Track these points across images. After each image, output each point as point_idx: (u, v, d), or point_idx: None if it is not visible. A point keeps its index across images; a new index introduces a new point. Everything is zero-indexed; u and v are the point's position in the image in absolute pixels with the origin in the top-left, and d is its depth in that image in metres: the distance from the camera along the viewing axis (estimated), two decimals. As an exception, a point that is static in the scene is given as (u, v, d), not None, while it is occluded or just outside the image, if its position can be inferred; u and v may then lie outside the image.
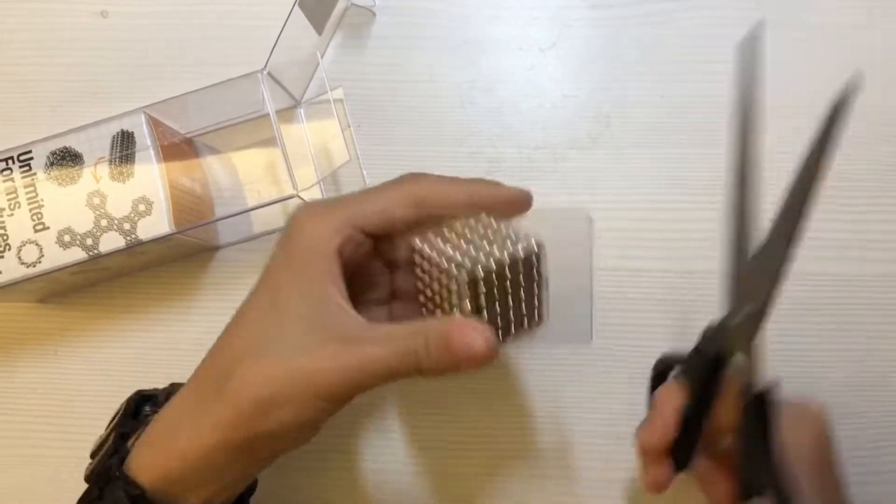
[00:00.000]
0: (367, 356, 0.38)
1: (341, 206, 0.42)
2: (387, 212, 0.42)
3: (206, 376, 0.42)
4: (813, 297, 0.56)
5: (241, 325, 0.42)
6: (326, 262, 0.41)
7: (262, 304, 0.41)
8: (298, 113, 0.60)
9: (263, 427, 0.39)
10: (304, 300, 0.40)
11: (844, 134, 0.57)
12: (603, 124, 0.59)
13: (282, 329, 0.40)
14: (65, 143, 0.52)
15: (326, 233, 0.41)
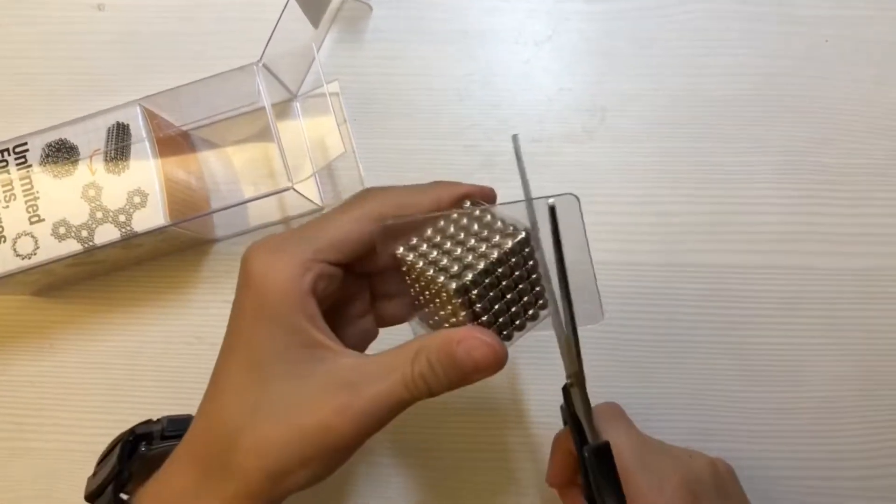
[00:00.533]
0: (376, 397, 0.36)
1: (302, 241, 0.39)
2: (351, 236, 0.39)
3: (206, 451, 0.38)
4: (805, 290, 0.56)
5: (225, 390, 0.38)
6: (301, 306, 0.37)
7: (242, 365, 0.38)
8: (294, 106, 0.60)
9: (280, 492, 0.37)
10: (289, 353, 0.37)
11: (841, 128, 0.57)
12: (598, 118, 0.59)
13: (275, 390, 0.37)
14: (60, 136, 0.52)
15: (294, 273, 0.37)
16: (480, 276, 0.38)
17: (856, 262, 0.56)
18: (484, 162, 0.59)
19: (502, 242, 0.39)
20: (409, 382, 0.36)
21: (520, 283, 0.40)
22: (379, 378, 0.36)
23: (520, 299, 0.41)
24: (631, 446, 0.45)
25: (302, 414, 0.36)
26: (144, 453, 0.46)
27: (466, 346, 0.36)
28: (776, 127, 0.58)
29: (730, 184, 0.57)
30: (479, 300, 0.39)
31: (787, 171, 0.57)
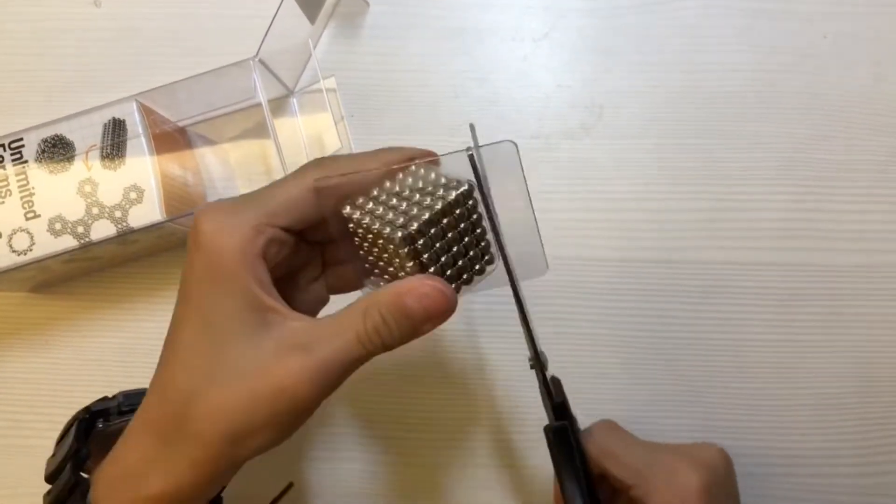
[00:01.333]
0: (330, 356, 0.36)
1: (253, 205, 0.39)
2: (300, 202, 0.39)
3: (162, 420, 0.38)
4: (805, 287, 0.56)
5: (178, 356, 0.38)
6: (252, 271, 0.37)
7: (196, 330, 0.37)
8: (291, 102, 0.60)
9: (240, 455, 0.37)
10: (242, 317, 0.37)
11: (840, 125, 0.57)
12: (596, 115, 0.59)
13: (228, 354, 0.37)
14: (56, 131, 0.52)
15: (246, 236, 0.37)
16: (425, 226, 0.38)
17: (855, 259, 0.56)
18: (481, 158, 0.58)
19: (446, 195, 0.39)
20: (363, 338, 0.37)
21: (465, 235, 0.41)
22: (332, 337, 0.37)
23: (466, 252, 0.41)
24: (633, 451, 0.46)
25: (256, 377, 0.36)
26: (102, 430, 0.45)
27: (416, 295, 0.37)
28: (775, 123, 0.58)
29: (728, 180, 0.57)
30: (425, 250, 0.39)
31: (786, 167, 0.57)
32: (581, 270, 0.57)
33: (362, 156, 0.41)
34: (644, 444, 0.48)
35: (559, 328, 0.56)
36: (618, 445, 0.46)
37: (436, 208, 0.39)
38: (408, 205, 0.39)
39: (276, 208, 0.39)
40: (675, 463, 0.45)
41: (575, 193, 0.58)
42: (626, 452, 0.46)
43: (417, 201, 0.39)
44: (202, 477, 0.37)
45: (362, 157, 0.41)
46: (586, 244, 0.57)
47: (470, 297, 0.56)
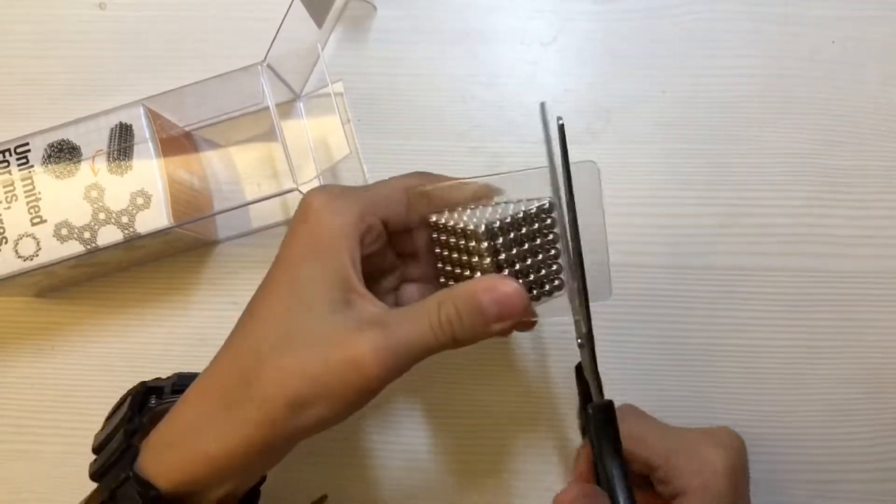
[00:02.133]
0: (404, 338, 0.37)
1: (359, 195, 0.41)
2: (400, 201, 0.43)
3: (229, 375, 0.39)
4: (814, 292, 0.56)
5: (261, 319, 0.40)
6: (349, 251, 0.39)
7: (283, 295, 0.39)
8: (298, 106, 0.60)
9: (299, 425, 0.37)
10: (327, 287, 0.38)
11: (847, 131, 0.57)
12: (604, 119, 0.58)
13: (309, 321, 0.38)
14: (62, 136, 0.52)
15: (350, 220, 0.40)
16: (508, 225, 0.40)
17: (863, 265, 0.56)
18: (489, 163, 0.58)
19: (528, 206, 0.42)
20: (435, 327, 0.38)
21: (540, 252, 0.42)
22: (407, 322, 0.38)
23: (538, 269, 0.42)
24: (657, 434, 0.47)
25: (330, 346, 0.37)
26: (154, 406, 0.45)
27: (491, 292, 0.38)
28: (782, 129, 0.58)
29: (736, 186, 0.57)
30: (504, 250, 0.40)
31: (795, 172, 0.57)
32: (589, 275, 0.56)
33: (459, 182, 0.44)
34: (666, 427, 0.49)
35: (565, 332, 0.56)
36: (642, 428, 0.47)
37: (517, 214, 0.41)
38: (491, 210, 0.42)
39: (378, 200, 0.42)
40: (699, 444, 0.46)
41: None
42: (650, 435, 0.47)
43: (498, 210, 0.42)
44: (256, 442, 0.38)
45: (458, 184, 0.44)
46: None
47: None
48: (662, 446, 0.46)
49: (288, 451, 0.41)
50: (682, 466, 0.45)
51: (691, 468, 0.45)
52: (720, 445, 0.46)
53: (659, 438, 0.47)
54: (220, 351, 0.41)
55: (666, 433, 0.48)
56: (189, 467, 0.39)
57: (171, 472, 0.39)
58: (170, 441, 0.40)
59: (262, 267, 0.57)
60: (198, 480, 0.39)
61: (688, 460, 0.45)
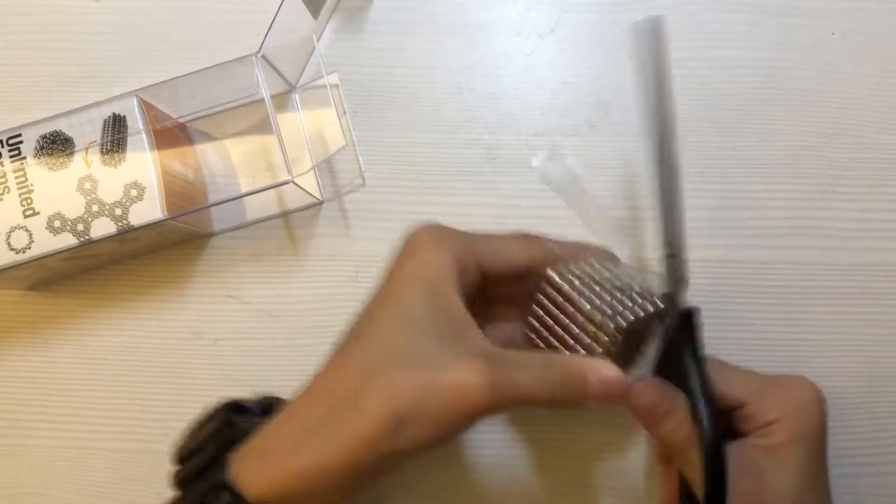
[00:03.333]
0: (511, 378, 0.38)
1: (464, 237, 0.44)
2: (507, 254, 0.44)
3: (334, 389, 0.40)
4: (812, 286, 0.56)
5: (368, 337, 0.41)
6: (454, 283, 0.41)
7: (391, 316, 0.40)
8: (293, 98, 0.59)
9: (399, 445, 0.37)
10: (437, 315, 0.40)
11: (847, 123, 0.57)
12: (602, 111, 0.58)
13: (417, 342, 0.39)
14: (55, 127, 0.51)
15: (452, 256, 0.41)
16: (633, 325, 0.42)
17: (862, 258, 0.56)
18: (486, 155, 0.58)
19: (645, 307, 0.43)
20: (542, 384, 0.39)
21: (643, 347, 0.45)
22: (516, 364, 0.39)
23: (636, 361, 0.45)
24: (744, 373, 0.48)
25: (442, 370, 0.37)
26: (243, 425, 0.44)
27: (597, 376, 0.40)
28: (781, 121, 0.57)
29: (735, 178, 0.57)
30: (617, 347, 0.42)
31: (793, 165, 0.57)
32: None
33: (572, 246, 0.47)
34: (751, 370, 0.48)
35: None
36: (727, 367, 0.48)
37: (639, 316, 0.42)
38: (614, 300, 0.43)
39: (483, 249, 0.44)
40: (789, 381, 0.46)
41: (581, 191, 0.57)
42: (737, 373, 0.47)
43: (619, 299, 0.43)
44: (353, 459, 0.37)
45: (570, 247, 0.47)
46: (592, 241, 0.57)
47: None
48: (750, 382, 0.46)
49: (381, 475, 0.40)
50: (773, 399, 0.45)
51: (783, 399, 0.45)
52: (810, 385, 0.46)
53: (745, 375, 0.47)
54: (321, 372, 0.42)
55: (753, 373, 0.48)
56: (281, 479, 0.38)
57: (262, 484, 0.39)
58: (263, 453, 0.40)
59: (257, 260, 0.57)
60: (286, 494, 0.38)
61: (779, 393, 0.45)
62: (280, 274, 0.57)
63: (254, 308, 0.57)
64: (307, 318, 0.57)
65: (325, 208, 0.58)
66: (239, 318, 0.57)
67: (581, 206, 0.57)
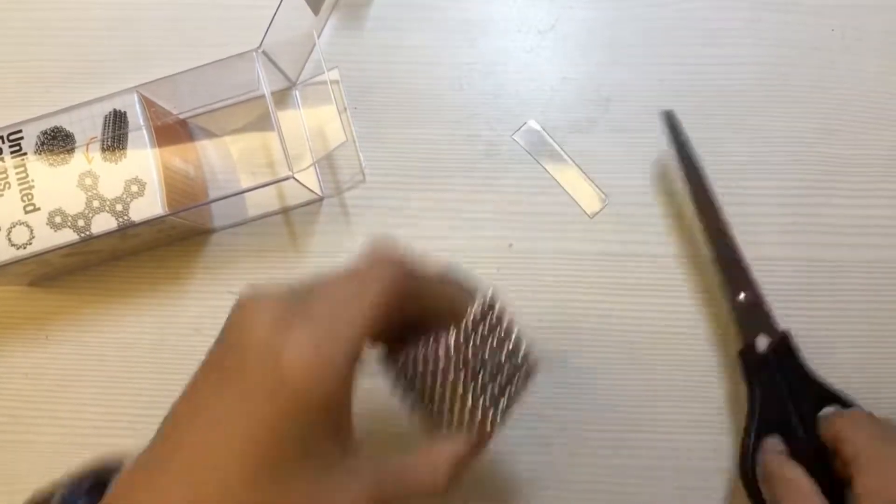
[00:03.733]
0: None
1: (336, 339, 0.34)
2: (382, 316, 0.36)
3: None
4: (812, 282, 0.56)
5: (227, 479, 0.32)
6: (346, 402, 0.35)
7: (257, 460, 0.32)
8: (293, 94, 0.59)
9: None
10: (318, 447, 0.34)
11: (846, 119, 0.57)
12: (602, 107, 0.58)
13: (294, 488, 0.33)
14: (56, 123, 0.51)
15: (332, 377, 0.33)
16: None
17: (861, 254, 0.56)
18: (486, 151, 0.58)
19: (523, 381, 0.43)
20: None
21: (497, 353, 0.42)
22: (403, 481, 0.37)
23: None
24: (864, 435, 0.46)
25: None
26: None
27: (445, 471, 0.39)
28: (781, 117, 0.58)
29: (734, 175, 0.57)
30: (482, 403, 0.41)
31: (793, 161, 0.57)
32: (589, 265, 0.56)
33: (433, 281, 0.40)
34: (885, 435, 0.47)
35: (565, 322, 0.56)
36: (851, 427, 0.47)
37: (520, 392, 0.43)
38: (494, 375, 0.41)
39: (362, 342, 0.35)
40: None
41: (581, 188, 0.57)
42: (856, 435, 0.46)
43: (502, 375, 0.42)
44: None
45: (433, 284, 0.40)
46: (593, 238, 0.57)
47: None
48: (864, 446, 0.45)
49: None
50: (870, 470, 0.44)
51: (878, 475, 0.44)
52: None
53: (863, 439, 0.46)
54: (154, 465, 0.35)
55: (877, 437, 0.46)
56: None
57: None
58: None
59: (258, 256, 0.57)
60: None
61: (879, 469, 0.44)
62: (281, 270, 0.57)
63: (254, 304, 0.57)
64: (307, 314, 0.57)
65: (325, 204, 0.58)
66: (239, 314, 0.57)
67: (553, 164, 0.57)
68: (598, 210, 0.57)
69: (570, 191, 0.57)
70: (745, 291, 0.53)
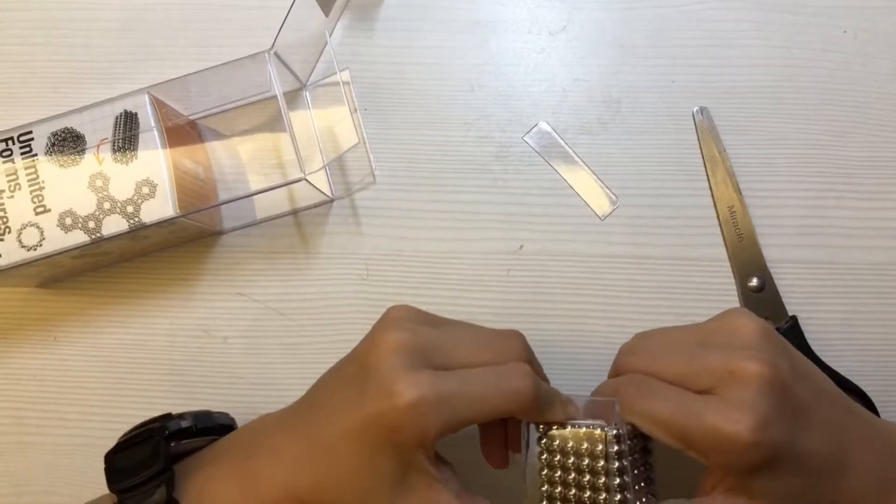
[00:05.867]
0: None
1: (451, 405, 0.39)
2: (488, 414, 0.41)
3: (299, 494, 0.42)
4: (824, 285, 0.55)
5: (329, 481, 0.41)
6: (427, 457, 0.40)
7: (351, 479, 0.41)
8: (303, 96, 0.59)
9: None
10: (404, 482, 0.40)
11: (858, 121, 0.57)
12: (613, 109, 0.58)
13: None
14: (66, 124, 0.51)
15: (432, 434, 0.39)
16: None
17: (873, 257, 0.56)
18: (497, 153, 0.58)
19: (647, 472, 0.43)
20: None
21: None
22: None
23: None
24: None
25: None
26: (179, 448, 0.47)
27: None
28: (793, 119, 0.57)
29: (746, 177, 0.57)
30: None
31: (805, 163, 0.57)
32: (599, 267, 0.56)
33: (557, 399, 0.43)
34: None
35: (574, 325, 0.56)
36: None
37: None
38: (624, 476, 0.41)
39: (470, 420, 0.40)
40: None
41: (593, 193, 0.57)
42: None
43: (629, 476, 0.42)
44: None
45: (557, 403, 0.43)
46: (603, 240, 0.56)
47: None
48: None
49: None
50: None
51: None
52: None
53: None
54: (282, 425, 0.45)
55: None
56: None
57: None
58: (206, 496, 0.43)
59: (267, 258, 0.57)
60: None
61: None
62: (290, 272, 0.57)
63: (263, 306, 0.57)
64: (317, 315, 0.57)
65: (335, 206, 0.58)
66: (248, 316, 0.57)
67: (564, 165, 0.57)
68: (608, 212, 0.57)
69: (581, 192, 0.57)
70: (757, 276, 0.54)
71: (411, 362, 0.40)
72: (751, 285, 0.54)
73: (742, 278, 0.55)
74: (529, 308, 0.55)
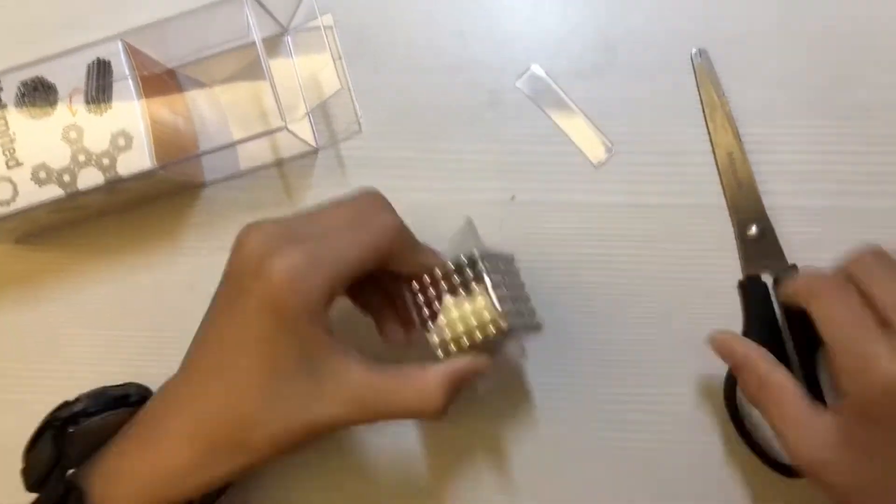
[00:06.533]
0: (384, 412, 0.42)
1: (323, 261, 0.40)
2: (370, 261, 0.42)
3: (216, 431, 0.41)
4: (824, 231, 0.54)
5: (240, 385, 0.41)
6: (321, 322, 0.40)
7: (260, 365, 0.40)
8: (285, 41, 0.57)
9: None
10: (305, 361, 0.40)
11: (865, 62, 0.55)
12: (611, 54, 0.56)
13: (288, 389, 0.40)
14: (37, 73, 0.49)
15: (320, 296, 0.40)
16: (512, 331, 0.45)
17: (878, 203, 0.54)
18: (488, 100, 0.56)
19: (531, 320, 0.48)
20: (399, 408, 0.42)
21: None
22: (389, 396, 0.42)
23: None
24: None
25: (315, 413, 0.41)
26: (74, 433, 0.46)
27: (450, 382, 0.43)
28: (794, 63, 0.55)
29: (745, 121, 0.55)
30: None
31: (806, 108, 0.55)
32: (594, 216, 0.55)
33: (419, 250, 0.46)
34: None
35: (575, 275, 0.55)
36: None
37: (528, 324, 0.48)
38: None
39: (345, 270, 0.41)
40: None
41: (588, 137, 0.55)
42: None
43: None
44: (240, 476, 0.42)
45: (419, 252, 0.46)
46: (598, 189, 0.55)
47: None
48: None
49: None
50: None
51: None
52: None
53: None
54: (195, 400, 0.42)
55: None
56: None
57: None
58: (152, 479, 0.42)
59: (252, 210, 0.56)
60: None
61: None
62: (275, 225, 0.56)
63: (249, 260, 0.56)
64: (304, 269, 0.55)
65: (320, 156, 0.56)
66: (234, 271, 0.56)
67: (558, 112, 0.56)
68: (603, 159, 0.55)
69: (576, 140, 0.55)
70: (757, 224, 0.53)
71: (277, 243, 0.40)
72: (750, 233, 0.53)
73: (741, 226, 0.54)
74: (524, 261, 0.53)
